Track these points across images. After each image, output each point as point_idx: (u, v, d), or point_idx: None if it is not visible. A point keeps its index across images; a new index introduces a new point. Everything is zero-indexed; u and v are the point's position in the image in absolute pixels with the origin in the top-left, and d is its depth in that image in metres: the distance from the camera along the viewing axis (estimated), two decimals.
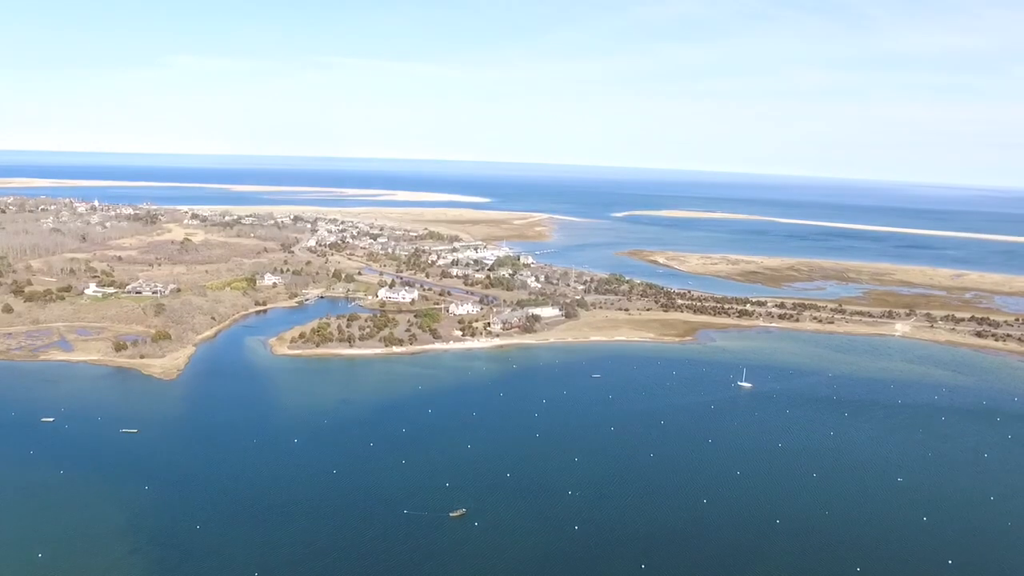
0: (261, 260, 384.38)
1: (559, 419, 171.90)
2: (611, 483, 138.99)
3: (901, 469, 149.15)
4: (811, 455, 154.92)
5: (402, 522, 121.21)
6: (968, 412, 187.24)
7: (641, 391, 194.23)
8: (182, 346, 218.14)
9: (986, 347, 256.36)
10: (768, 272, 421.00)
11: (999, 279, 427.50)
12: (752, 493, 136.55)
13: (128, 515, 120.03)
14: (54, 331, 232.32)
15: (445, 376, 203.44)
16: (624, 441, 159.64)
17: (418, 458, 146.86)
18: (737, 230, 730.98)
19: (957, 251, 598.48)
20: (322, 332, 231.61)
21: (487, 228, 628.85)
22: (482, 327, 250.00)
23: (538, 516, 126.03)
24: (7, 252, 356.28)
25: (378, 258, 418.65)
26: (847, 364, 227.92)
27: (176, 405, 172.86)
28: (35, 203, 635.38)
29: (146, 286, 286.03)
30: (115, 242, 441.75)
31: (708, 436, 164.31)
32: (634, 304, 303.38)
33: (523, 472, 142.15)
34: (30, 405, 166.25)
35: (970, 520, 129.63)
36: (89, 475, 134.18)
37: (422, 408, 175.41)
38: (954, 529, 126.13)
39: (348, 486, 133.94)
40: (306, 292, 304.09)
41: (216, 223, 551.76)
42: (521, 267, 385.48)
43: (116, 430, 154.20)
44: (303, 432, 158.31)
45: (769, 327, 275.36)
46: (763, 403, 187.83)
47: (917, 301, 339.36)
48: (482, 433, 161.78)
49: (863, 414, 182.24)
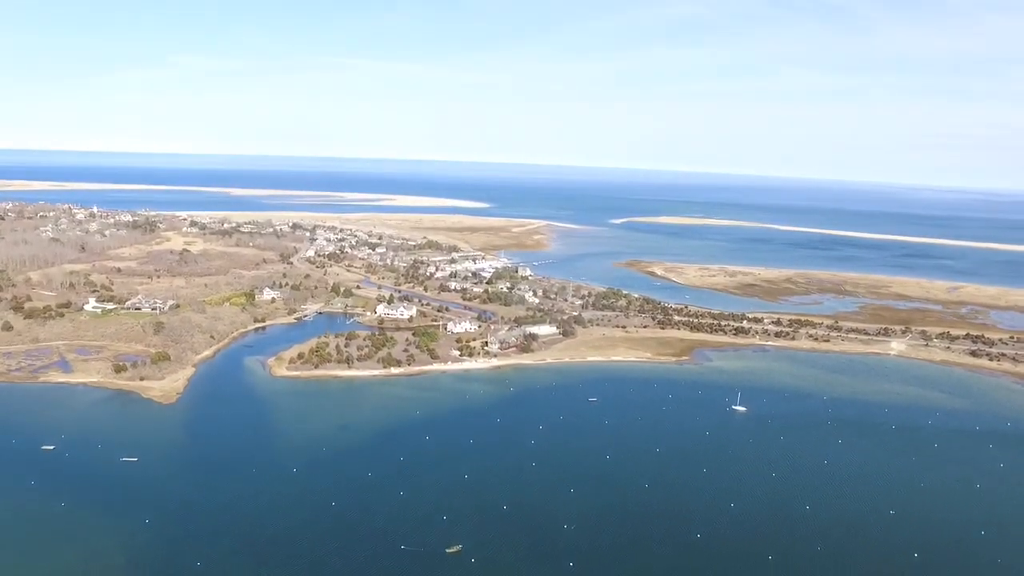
0: (260, 272, 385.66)
1: (555, 447, 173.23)
2: (606, 516, 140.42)
3: (894, 501, 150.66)
4: (804, 486, 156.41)
5: (400, 559, 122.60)
6: (961, 438, 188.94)
7: (637, 416, 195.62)
8: (181, 367, 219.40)
9: (980, 367, 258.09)
10: (765, 285, 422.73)
11: (995, 292, 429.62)
12: (745, 527, 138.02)
13: (129, 551, 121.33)
14: (54, 350, 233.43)
15: (443, 400, 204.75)
16: (620, 470, 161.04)
17: (416, 489, 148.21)
18: (737, 238, 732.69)
19: (955, 261, 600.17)
20: (320, 352, 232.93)
21: (486, 236, 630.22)
22: (479, 347, 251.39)
23: (533, 551, 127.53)
24: (6, 264, 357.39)
25: (376, 270, 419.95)
26: (842, 386, 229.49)
27: (175, 432, 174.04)
28: (34, 209, 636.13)
29: (145, 302, 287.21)
30: (114, 252, 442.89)
31: (703, 465, 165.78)
32: (631, 320, 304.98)
33: (519, 504, 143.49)
34: (31, 431, 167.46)
35: (961, 556, 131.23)
36: (90, 507, 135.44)
37: (420, 435, 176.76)
38: (945, 566, 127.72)
39: (347, 520, 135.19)
40: (305, 308, 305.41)
41: (215, 231, 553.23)
42: (519, 280, 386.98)
43: (116, 458, 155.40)
44: (301, 460, 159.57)
45: (765, 345, 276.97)
46: (757, 429, 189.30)
47: (913, 316, 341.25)
48: (479, 462, 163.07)
49: (857, 441, 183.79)
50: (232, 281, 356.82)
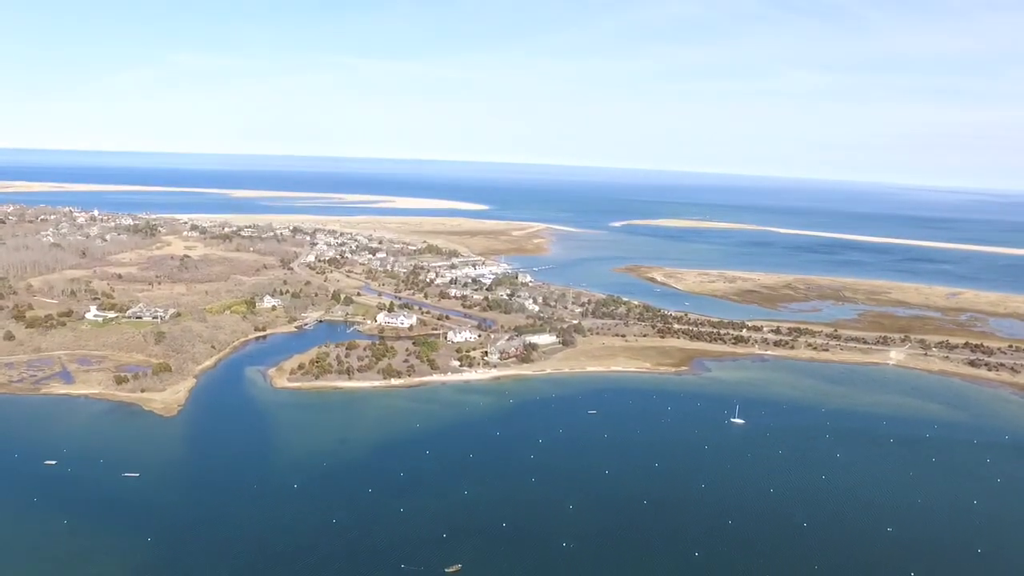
0: (261, 279, 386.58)
1: (555, 462, 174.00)
2: (605, 534, 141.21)
3: (891, 518, 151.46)
4: (802, 503, 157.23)
5: None
6: (959, 451, 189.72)
7: (636, 430, 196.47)
8: (182, 378, 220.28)
9: (979, 378, 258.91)
10: (765, 291, 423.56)
11: (994, 298, 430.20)
12: (743, 545, 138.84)
13: (132, 572, 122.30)
14: (55, 360, 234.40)
15: (443, 412, 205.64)
16: (619, 487, 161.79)
17: (415, 506, 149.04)
18: (737, 242, 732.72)
19: (956, 266, 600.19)
20: (321, 363, 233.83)
21: (486, 240, 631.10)
22: (479, 356, 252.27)
23: (533, 570, 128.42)
24: (7, 271, 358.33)
25: (377, 276, 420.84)
26: (841, 397, 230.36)
27: (177, 446, 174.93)
28: (35, 212, 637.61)
29: (146, 311, 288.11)
30: (115, 257, 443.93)
31: (701, 480, 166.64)
32: (631, 329, 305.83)
33: (518, 522, 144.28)
34: (33, 446, 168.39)
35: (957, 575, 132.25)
36: (92, 526, 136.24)
37: (420, 449, 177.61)
38: None
39: (349, 537, 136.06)
40: (305, 316, 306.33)
41: (215, 235, 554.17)
42: (519, 287, 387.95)
43: (118, 474, 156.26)
44: (303, 475, 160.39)
45: (764, 355, 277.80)
46: (756, 443, 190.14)
47: (912, 324, 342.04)
48: (478, 477, 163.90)
49: (855, 455, 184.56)
50: (233, 288, 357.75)
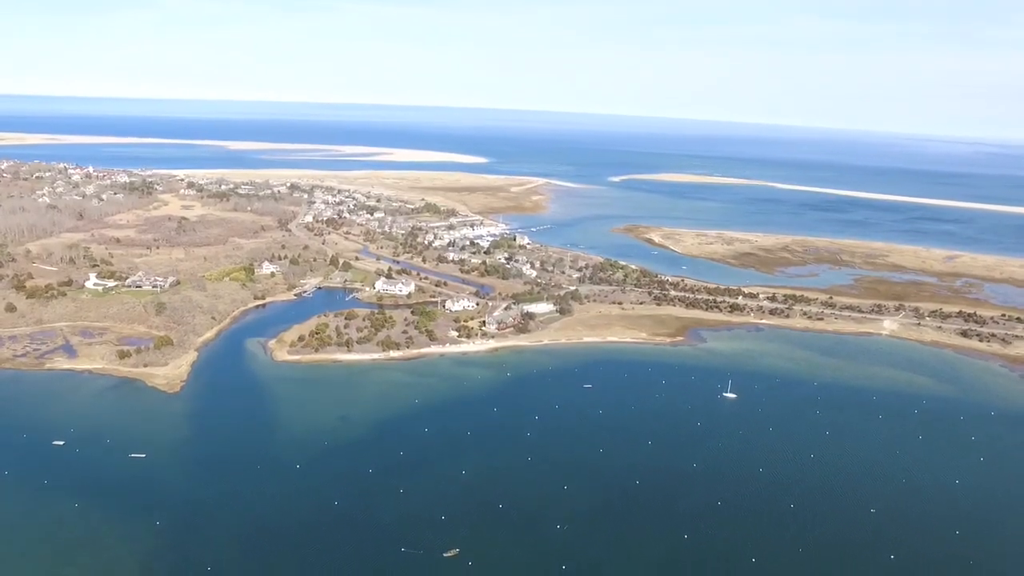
0: (259, 242, 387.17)
1: (551, 439, 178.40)
2: (597, 515, 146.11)
3: (875, 499, 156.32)
4: (790, 483, 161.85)
5: (399, 562, 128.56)
6: (946, 429, 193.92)
7: (631, 405, 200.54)
8: (184, 351, 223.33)
9: (970, 349, 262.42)
10: (762, 254, 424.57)
11: (991, 262, 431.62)
12: (731, 526, 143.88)
13: (141, 556, 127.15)
14: (57, 332, 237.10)
15: (440, 386, 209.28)
16: (612, 465, 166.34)
17: (415, 486, 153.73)
18: (742, 199, 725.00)
19: (962, 226, 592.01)
20: (320, 335, 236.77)
21: (484, 198, 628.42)
22: (477, 327, 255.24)
23: (528, 552, 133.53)
24: (5, 235, 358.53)
25: (375, 238, 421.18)
26: (833, 370, 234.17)
27: (181, 425, 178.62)
28: (30, 169, 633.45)
29: (146, 279, 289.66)
30: (112, 219, 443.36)
31: (693, 459, 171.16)
32: (628, 296, 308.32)
33: (514, 502, 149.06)
34: (41, 426, 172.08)
35: (935, 559, 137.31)
36: (103, 509, 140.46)
37: (419, 426, 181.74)
38: (918, 568, 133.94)
39: (350, 519, 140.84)
40: (304, 283, 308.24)
41: (213, 193, 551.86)
42: (517, 250, 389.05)
43: (125, 455, 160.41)
44: (304, 454, 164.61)
45: (759, 324, 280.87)
46: (747, 419, 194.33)
47: (907, 291, 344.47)
48: (476, 456, 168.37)
49: (844, 433, 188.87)
50: (231, 252, 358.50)
